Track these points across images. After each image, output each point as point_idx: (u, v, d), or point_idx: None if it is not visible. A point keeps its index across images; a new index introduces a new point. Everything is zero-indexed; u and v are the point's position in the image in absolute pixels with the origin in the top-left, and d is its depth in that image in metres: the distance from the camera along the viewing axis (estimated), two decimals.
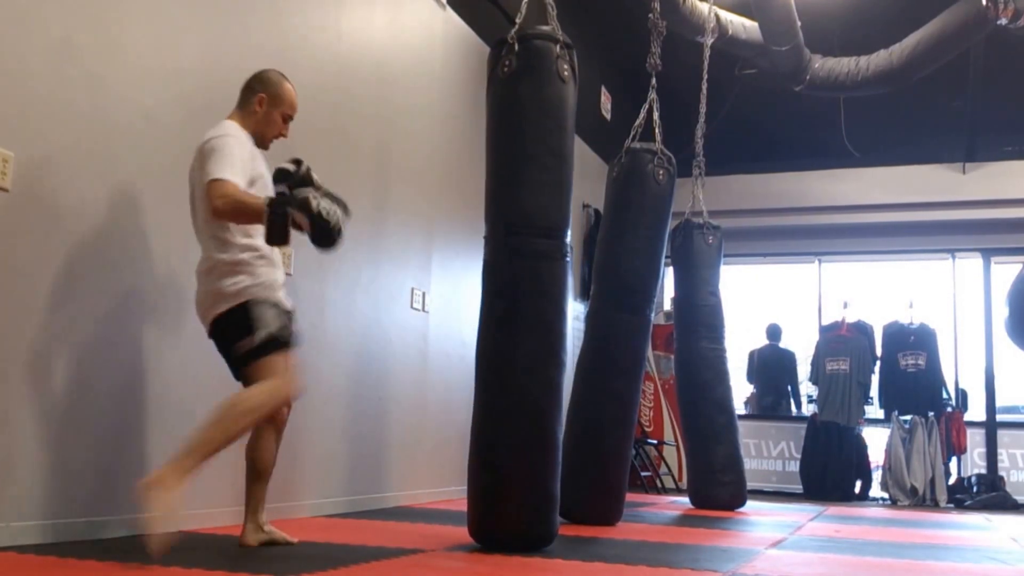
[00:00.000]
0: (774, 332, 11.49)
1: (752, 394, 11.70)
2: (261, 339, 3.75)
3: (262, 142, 4.09)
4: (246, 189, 3.77)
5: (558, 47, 4.61)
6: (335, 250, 3.91)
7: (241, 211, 3.71)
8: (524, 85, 4.58)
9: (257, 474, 4.07)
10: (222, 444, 3.60)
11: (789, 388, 11.61)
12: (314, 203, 3.72)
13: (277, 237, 3.72)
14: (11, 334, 3.63)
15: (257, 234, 3.82)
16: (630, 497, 6.88)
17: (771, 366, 11.58)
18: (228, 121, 3.98)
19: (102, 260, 4.05)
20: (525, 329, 4.46)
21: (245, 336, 3.76)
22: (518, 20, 4.67)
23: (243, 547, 4.01)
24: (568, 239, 4.66)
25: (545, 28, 4.69)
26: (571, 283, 4.74)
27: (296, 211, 3.71)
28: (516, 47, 4.58)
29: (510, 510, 4.36)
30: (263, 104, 4.05)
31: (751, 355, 11.64)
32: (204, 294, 3.86)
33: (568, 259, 4.65)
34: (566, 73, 4.62)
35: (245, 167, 3.81)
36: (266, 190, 3.87)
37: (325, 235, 3.78)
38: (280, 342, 3.82)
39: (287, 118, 4.15)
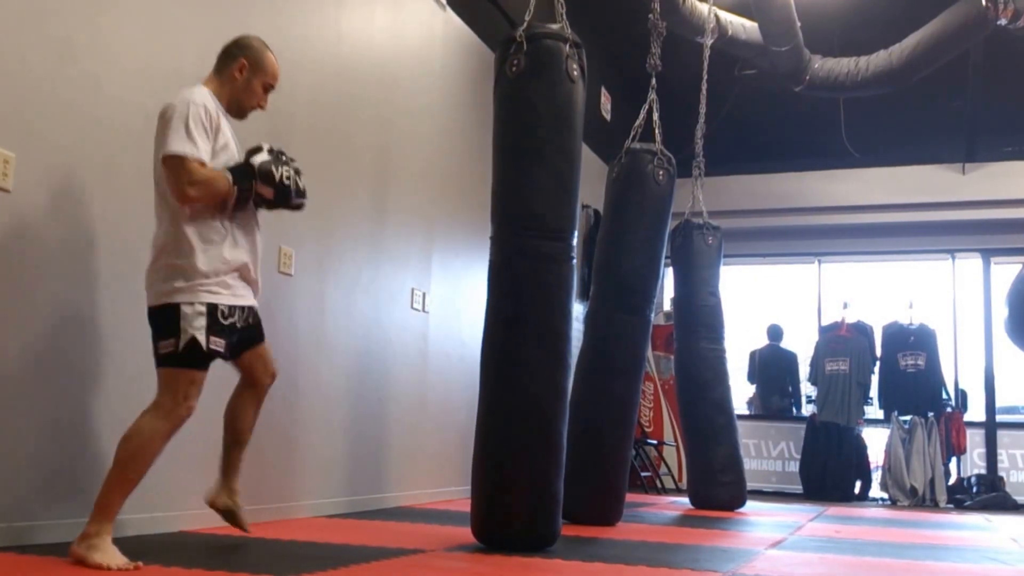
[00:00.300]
0: (775, 333, 11.49)
1: (754, 394, 11.70)
2: (184, 345, 3.53)
3: (240, 111, 3.90)
4: (211, 163, 3.61)
5: (568, 46, 4.56)
6: (299, 209, 3.98)
7: (213, 195, 3.59)
8: (534, 85, 4.53)
9: (233, 438, 4.02)
10: (136, 477, 3.50)
11: (790, 389, 11.62)
12: (276, 172, 3.75)
13: (241, 206, 3.73)
14: (11, 334, 3.64)
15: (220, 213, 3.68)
16: (630, 497, 6.89)
17: (772, 367, 11.59)
18: (197, 86, 3.74)
19: (102, 260, 4.05)
20: (531, 331, 4.45)
21: (168, 337, 3.55)
22: (527, 17, 4.59)
23: (209, 505, 4.03)
24: (574, 241, 4.64)
25: (554, 26, 4.63)
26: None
27: (259, 183, 3.71)
28: (525, 46, 4.52)
29: (514, 511, 4.36)
30: (244, 71, 3.84)
31: (752, 355, 11.64)
32: (149, 273, 3.65)
33: (574, 261, 4.63)
34: (575, 73, 4.57)
35: (209, 137, 3.61)
36: (232, 159, 3.74)
37: (284, 200, 3.83)
38: (201, 355, 3.57)
39: (268, 88, 3.93)
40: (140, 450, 3.48)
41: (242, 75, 3.85)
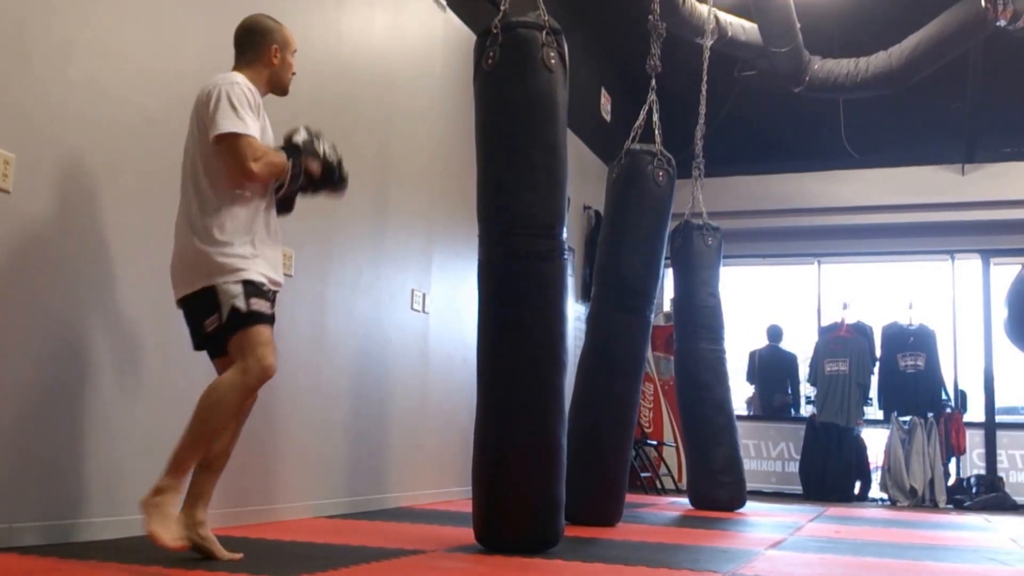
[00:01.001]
0: (775, 333, 11.50)
1: (753, 395, 11.72)
2: (226, 316, 3.54)
3: (283, 89, 3.96)
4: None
5: (543, 34, 4.45)
6: (342, 193, 4.00)
7: (273, 171, 3.67)
8: (509, 77, 4.45)
9: (204, 460, 3.66)
10: (211, 433, 3.51)
11: (790, 389, 11.64)
12: (319, 146, 3.80)
13: (292, 187, 3.76)
14: (11, 335, 3.64)
15: (252, 194, 3.68)
16: (630, 498, 6.89)
17: (771, 367, 11.60)
18: (232, 73, 3.79)
19: (103, 260, 4.06)
20: (523, 331, 4.38)
21: (212, 313, 3.57)
22: (503, 7, 4.52)
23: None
24: (564, 237, 4.55)
25: (530, 16, 4.53)
26: (573, 284, 4.68)
27: (308, 158, 3.76)
28: (500, 37, 4.45)
29: (515, 514, 4.32)
30: (278, 52, 3.88)
31: (752, 356, 11.66)
32: (178, 265, 3.67)
33: (566, 258, 4.56)
34: (553, 62, 4.45)
35: (256, 117, 3.68)
36: (270, 143, 3.79)
37: (330, 175, 3.88)
38: (248, 316, 3.56)
39: (293, 55, 3.98)
40: (215, 406, 3.49)
41: (278, 57, 3.89)
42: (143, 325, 4.24)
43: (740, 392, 11.11)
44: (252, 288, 3.60)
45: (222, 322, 3.55)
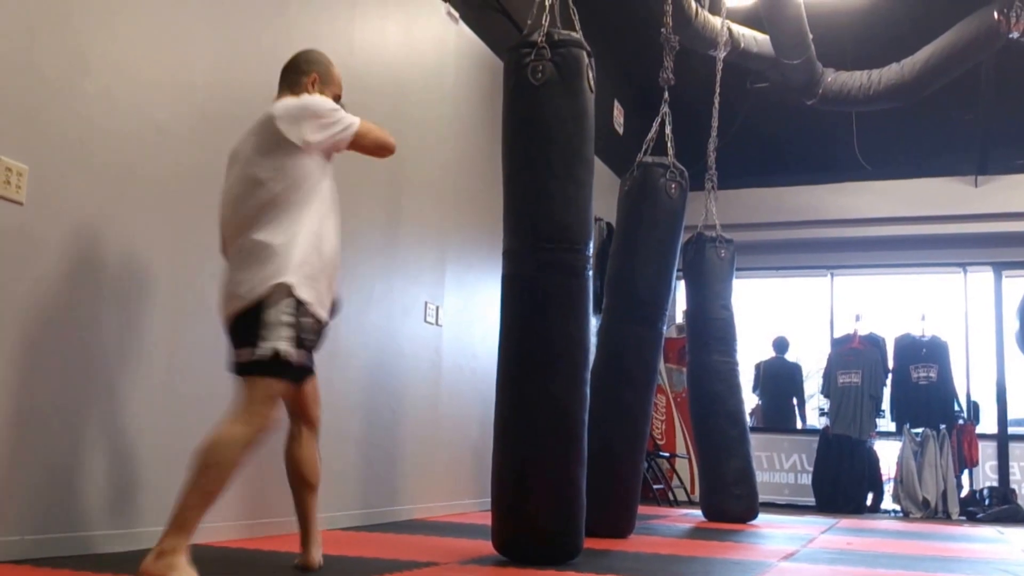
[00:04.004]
0: (781, 345, 11.53)
1: (757, 406, 11.73)
2: (263, 354, 3.34)
3: None
4: None
5: (585, 55, 4.55)
6: None
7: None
8: (559, 95, 4.49)
9: (308, 486, 3.85)
10: (217, 488, 3.23)
11: (795, 401, 11.65)
12: None
13: None
14: (23, 345, 3.66)
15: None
16: (642, 510, 6.88)
17: (776, 378, 11.61)
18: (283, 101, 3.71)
19: (115, 272, 4.07)
20: (548, 344, 4.40)
21: (246, 345, 3.36)
22: (544, 22, 4.55)
23: (307, 569, 3.77)
24: (590, 252, 4.61)
25: (574, 34, 4.59)
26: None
27: None
28: (548, 52, 4.48)
29: (538, 526, 4.32)
30: (315, 84, 3.85)
31: (757, 367, 11.68)
32: (231, 280, 3.49)
33: (590, 272, 4.61)
34: (592, 82, 4.58)
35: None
36: None
37: None
38: (284, 365, 3.37)
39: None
40: (219, 460, 3.22)
41: (314, 88, 3.85)
42: (156, 334, 4.26)
43: (746, 403, 11.12)
44: (300, 329, 3.44)
45: (254, 359, 3.37)
